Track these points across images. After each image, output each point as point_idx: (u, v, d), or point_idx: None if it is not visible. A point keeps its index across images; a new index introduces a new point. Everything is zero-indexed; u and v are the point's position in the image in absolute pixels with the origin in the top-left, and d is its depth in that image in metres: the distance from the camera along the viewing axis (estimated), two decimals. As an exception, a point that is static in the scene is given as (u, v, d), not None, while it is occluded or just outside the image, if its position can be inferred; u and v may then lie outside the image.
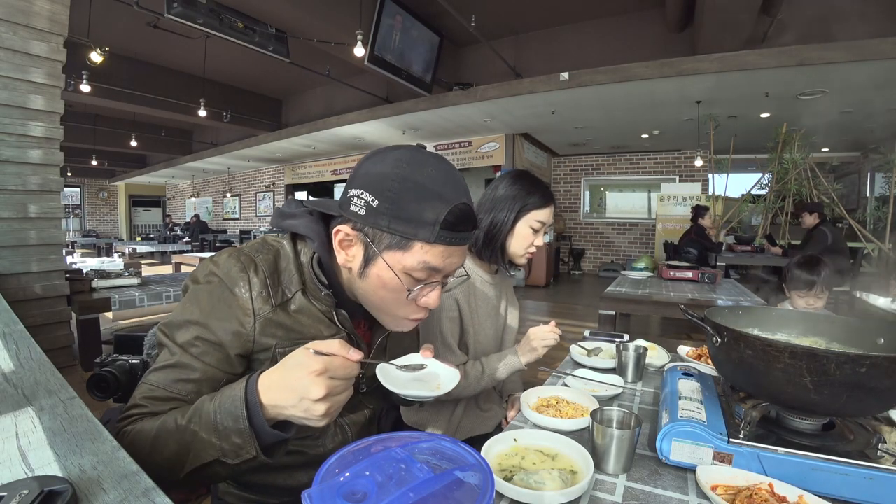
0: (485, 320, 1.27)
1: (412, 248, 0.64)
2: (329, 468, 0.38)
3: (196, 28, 4.13)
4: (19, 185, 2.04)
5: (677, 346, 1.38)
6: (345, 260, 0.69)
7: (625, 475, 0.71)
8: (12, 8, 1.95)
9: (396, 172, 0.63)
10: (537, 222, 1.20)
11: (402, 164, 0.64)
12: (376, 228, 0.64)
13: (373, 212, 0.63)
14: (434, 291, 0.69)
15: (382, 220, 0.63)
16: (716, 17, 4.18)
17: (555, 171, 9.38)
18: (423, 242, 0.63)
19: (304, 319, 0.71)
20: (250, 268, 0.68)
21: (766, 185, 5.95)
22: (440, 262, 0.65)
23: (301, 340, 0.65)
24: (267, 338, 0.68)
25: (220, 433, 0.56)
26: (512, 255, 1.23)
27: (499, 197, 1.21)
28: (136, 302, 2.79)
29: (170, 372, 0.65)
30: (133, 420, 0.63)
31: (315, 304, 0.71)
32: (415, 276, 0.65)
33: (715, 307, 0.92)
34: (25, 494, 0.38)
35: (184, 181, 15.18)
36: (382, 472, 0.36)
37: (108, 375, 1.20)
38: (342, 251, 0.69)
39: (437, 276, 0.67)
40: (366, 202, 0.64)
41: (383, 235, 0.64)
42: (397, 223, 0.63)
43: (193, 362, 0.65)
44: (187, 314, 0.67)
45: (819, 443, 0.68)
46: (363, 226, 0.65)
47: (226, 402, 0.57)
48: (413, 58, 5.46)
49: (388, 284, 0.66)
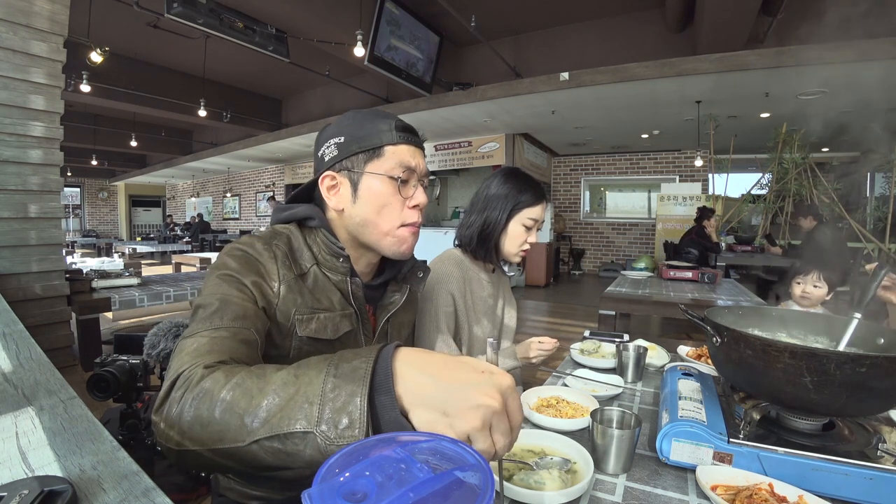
0: (481, 317, 1.27)
1: (384, 153, 0.76)
2: (329, 468, 0.38)
3: (196, 28, 4.12)
4: (19, 185, 2.04)
5: (677, 346, 1.38)
6: (336, 203, 0.79)
7: (625, 475, 0.71)
8: (12, 8, 1.95)
9: (346, 117, 0.80)
10: (529, 220, 1.21)
11: (347, 113, 0.81)
12: (351, 155, 0.77)
13: (342, 146, 0.77)
14: (419, 190, 0.79)
15: (353, 146, 0.77)
16: (716, 17, 4.17)
17: (555, 171, 9.38)
18: (389, 145, 0.76)
19: (319, 291, 0.77)
20: (272, 242, 0.75)
21: (766, 185, 5.95)
22: (411, 158, 0.78)
23: (318, 310, 0.74)
24: (288, 304, 0.72)
25: (326, 397, 0.44)
26: (506, 254, 1.24)
27: (491, 196, 1.22)
28: (136, 302, 2.79)
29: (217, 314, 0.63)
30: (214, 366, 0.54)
31: (329, 274, 0.78)
32: (398, 175, 0.76)
33: (715, 307, 0.92)
34: (25, 494, 0.38)
35: (184, 181, 15.17)
36: (382, 472, 0.36)
37: (108, 375, 1.20)
38: (332, 197, 0.79)
39: (414, 175, 0.79)
40: (335, 143, 0.78)
41: (359, 156, 0.77)
42: (364, 141, 0.76)
43: (237, 298, 0.66)
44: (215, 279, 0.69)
45: (819, 443, 0.68)
46: (340, 160, 0.77)
47: (344, 364, 0.46)
48: (413, 58, 5.46)
49: (379, 190, 0.76)
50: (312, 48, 5.16)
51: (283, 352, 0.73)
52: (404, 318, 0.93)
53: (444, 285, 1.19)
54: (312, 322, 0.74)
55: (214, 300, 0.65)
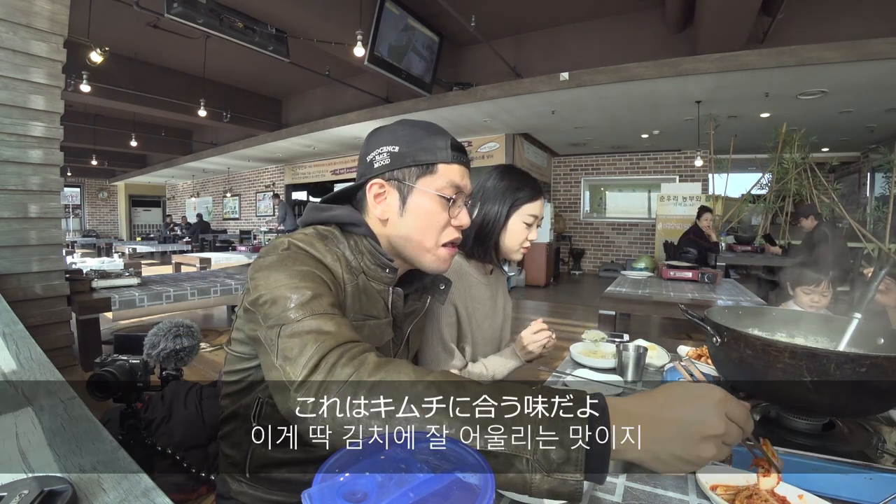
0: (482, 321, 1.26)
1: (437, 170, 0.75)
2: (329, 468, 0.38)
3: (196, 28, 4.12)
4: (19, 185, 2.04)
5: (677, 346, 1.38)
6: (382, 212, 0.77)
7: (625, 475, 0.71)
8: (12, 8, 1.95)
9: (401, 126, 0.78)
10: (529, 216, 1.19)
11: (401, 122, 0.79)
12: (403, 167, 0.75)
13: (396, 156, 0.75)
14: (463, 211, 0.79)
15: (407, 157, 0.75)
16: (716, 17, 4.17)
17: (555, 171, 9.38)
18: (444, 163, 0.75)
19: (368, 299, 0.75)
20: (330, 245, 0.72)
21: (766, 185, 5.94)
22: (460, 179, 0.77)
23: (369, 318, 0.74)
24: (347, 309, 0.70)
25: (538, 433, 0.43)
26: (507, 251, 1.22)
27: (487, 194, 1.19)
28: (135, 302, 2.79)
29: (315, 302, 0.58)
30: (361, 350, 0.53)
31: (373, 283, 0.77)
32: (445, 195, 0.76)
33: (715, 307, 0.92)
34: (25, 494, 0.38)
35: (184, 181, 15.17)
36: (382, 472, 0.36)
37: (108, 375, 1.20)
38: (378, 205, 0.77)
39: (462, 195, 0.78)
40: (388, 152, 0.75)
41: (412, 169, 0.75)
42: (420, 154, 0.75)
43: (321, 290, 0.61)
44: (282, 274, 0.61)
45: (819, 443, 0.68)
46: (392, 170, 0.75)
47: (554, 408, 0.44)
48: (413, 58, 5.46)
49: (428, 208, 0.75)
50: (312, 48, 5.15)
51: None
52: (421, 326, 0.95)
53: None
54: (364, 329, 0.73)
55: (305, 290, 0.59)
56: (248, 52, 4.82)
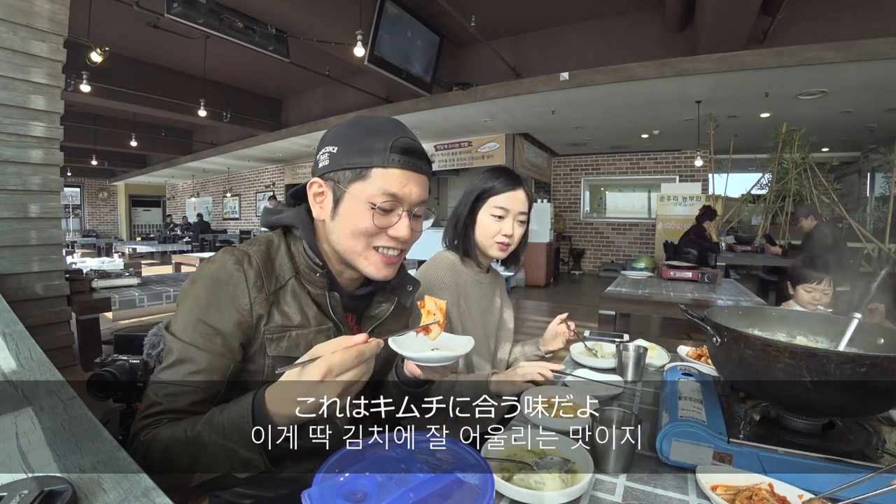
0: (476, 319, 1.26)
1: (370, 175, 0.71)
2: (329, 468, 0.38)
3: (196, 28, 4.12)
4: (19, 185, 2.04)
5: (677, 346, 1.38)
6: (319, 213, 0.76)
7: (625, 475, 0.71)
8: (12, 8, 1.95)
9: (347, 125, 0.76)
10: (497, 208, 1.17)
11: (351, 120, 0.77)
12: (339, 170, 0.73)
13: (334, 157, 0.73)
14: (402, 221, 0.74)
15: (342, 159, 0.72)
16: (716, 17, 4.17)
17: (555, 171, 9.37)
18: (379, 167, 0.71)
19: (296, 306, 0.75)
20: (244, 260, 0.72)
21: (766, 185, 5.95)
22: (398, 188, 0.72)
23: (288, 328, 0.73)
24: (261, 324, 0.72)
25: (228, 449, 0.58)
26: (482, 247, 1.21)
27: (466, 190, 1.22)
28: (136, 302, 2.79)
29: (178, 368, 0.68)
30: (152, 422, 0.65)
31: (309, 287, 0.76)
32: (379, 203, 0.71)
33: (715, 307, 0.92)
34: (25, 494, 0.38)
35: (184, 181, 15.17)
36: (382, 471, 0.36)
37: (108, 375, 1.20)
38: (316, 204, 0.76)
39: (400, 205, 0.73)
40: (328, 153, 0.74)
41: (345, 172, 0.72)
42: (354, 157, 0.72)
43: (199, 355, 0.68)
44: (187, 311, 0.71)
45: (819, 443, 0.68)
46: (329, 172, 0.74)
47: (233, 416, 0.59)
48: (413, 58, 5.46)
49: (356, 216, 0.72)
50: (312, 48, 5.15)
51: (258, 368, 0.73)
52: (394, 327, 0.88)
53: (437, 293, 1.18)
54: (283, 341, 0.73)
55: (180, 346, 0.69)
56: (248, 52, 4.82)
